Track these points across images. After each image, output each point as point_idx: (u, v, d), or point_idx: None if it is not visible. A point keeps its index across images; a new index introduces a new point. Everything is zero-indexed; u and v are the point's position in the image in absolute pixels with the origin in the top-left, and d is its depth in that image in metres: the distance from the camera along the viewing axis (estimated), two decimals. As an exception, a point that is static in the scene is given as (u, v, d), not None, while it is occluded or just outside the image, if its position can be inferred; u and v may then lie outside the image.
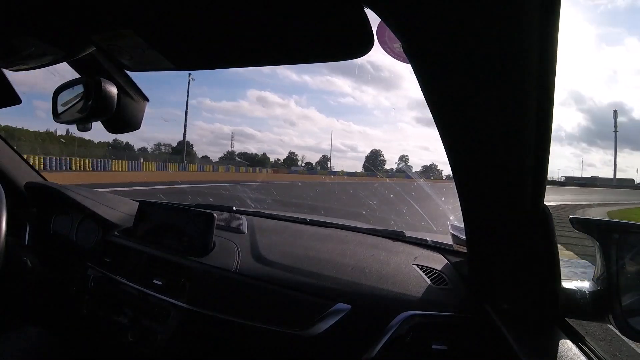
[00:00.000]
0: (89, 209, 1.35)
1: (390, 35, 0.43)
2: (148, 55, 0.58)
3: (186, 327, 0.91)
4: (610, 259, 0.66)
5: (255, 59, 0.58)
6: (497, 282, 0.77)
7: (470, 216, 0.73)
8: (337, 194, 11.06)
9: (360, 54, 0.46)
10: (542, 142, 0.51)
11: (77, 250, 1.34)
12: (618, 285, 0.65)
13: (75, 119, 0.69)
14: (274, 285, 0.89)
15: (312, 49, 0.50)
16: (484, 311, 0.79)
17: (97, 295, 1.09)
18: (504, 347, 0.67)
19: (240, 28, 0.47)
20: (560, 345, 0.62)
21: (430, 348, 0.78)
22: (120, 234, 1.22)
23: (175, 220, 1.14)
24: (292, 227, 1.34)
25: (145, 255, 1.07)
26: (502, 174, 0.60)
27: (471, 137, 0.55)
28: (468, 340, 0.79)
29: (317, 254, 1.05)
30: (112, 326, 1.03)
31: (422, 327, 0.79)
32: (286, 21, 0.44)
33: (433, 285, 0.90)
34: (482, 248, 0.78)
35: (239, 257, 0.99)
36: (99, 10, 0.48)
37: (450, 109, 0.52)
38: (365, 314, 0.83)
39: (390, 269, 0.99)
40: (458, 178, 0.65)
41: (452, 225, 1.01)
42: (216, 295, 0.92)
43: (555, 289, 0.69)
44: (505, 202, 0.66)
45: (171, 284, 0.97)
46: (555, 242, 0.67)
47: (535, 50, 0.39)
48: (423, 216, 1.81)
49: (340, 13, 0.40)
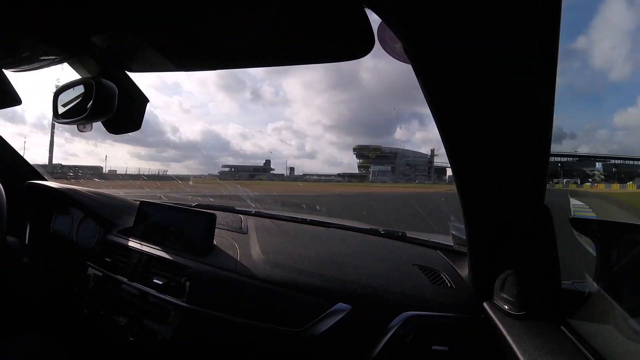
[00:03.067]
0: (89, 208, 1.35)
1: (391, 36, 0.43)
2: (148, 55, 0.58)
3: (186, 327, 0.91)
4: (610, 259, 0.66)
5: (257, 59, 0.58)
6: (497, 282, 0.77)
7: (471, 216, 0.73)
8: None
9: (362, 54, 0.46)
10: (542, 142, 0.51)
11: (78, 250, 1.34)
12: (618, 285, 0.65)
13: (75, 119, 0.68)
14: (274, 285, 0.89)
15: (314, 50, 0.50)
16: (484, 311, 0.79)
17: (97, 295, 1.09)
18: (505, 348, 0.68)
19: (241, 29, 0.47)
20: (560, 345, 0.62)
21: (430, 348, 0.78)
22: (121, 234, 1.22)
23: (175, 220, 1.14)
24: (293, 227, 1.34)
25: (146, 255, 1.07)
26: (502, 174, 0.60)
27: (472, 138, 0.55)
28: (468, 341, 0.79)
29: (318, 254, 1.05)
30: (113, 326, 1.03)
31: (422, 328, 0.79)
32: (287, 22, 0.44)
33: (433, 286, 0.90)
34: (483, 248, 0.78)
35: (240, 257, 0.99)
36: (99, 10, 0.48)
37: (451, 109, 0.52)
38: (365, 314, 0.83)
39: (391, 269, 0.99)
40: (458, 178, 0.65)
41: (452, 226, 1.01)
42: (216, 295, 0.92)
43: (555, 289, 0.69)
44: (505, 202, 0.66)
45: (171, 283, 0.98)
46: (556, 242, 0.67)
47: (536, 51, 0.39)
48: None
49: (341, 14, 0.40)
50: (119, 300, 1.04)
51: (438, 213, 3.12)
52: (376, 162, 76.30)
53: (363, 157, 77.87)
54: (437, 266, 0.98)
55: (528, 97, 0.45)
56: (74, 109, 0.71)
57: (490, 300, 0.79)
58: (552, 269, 0.68)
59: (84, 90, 0.68)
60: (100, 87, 0.64)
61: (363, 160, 77.81)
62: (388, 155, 77.10)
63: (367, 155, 77.08)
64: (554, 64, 0.41)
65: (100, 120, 0.70)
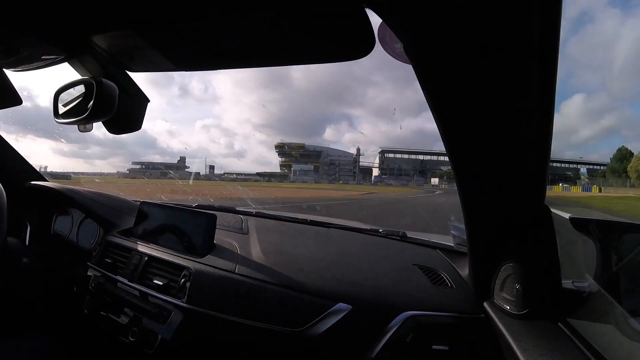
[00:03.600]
0: (89, 209, 1.35)
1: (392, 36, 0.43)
2: (148, 55, 0.58)
3: (186, 327, 0.91)
4: (610, 259, 0.66)
5: (257, 59, 0.58)
6: (497, 281, 0.77)
7: (471, 216, 0.73)
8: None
9: (362, 55, 0.46)
10: (543, 142, 0.51)
11: (78, 250, 1.34)
12: (618, 285, 0.65)
13: (76, 119, 0.68)
14: (274, 285, 0.89)
15: (314, 50, 0.50)
16: (484, 311, 0.79)
17: (97, 295, 1.09)
18: (505, 347, 0.68)
19: (241, 29, 0.47)
20: (560, 345, 0.62)
21: (430, 348, 0.78)
22: (121, 235, 1.22)
23: (175, 220, 1.14)
24: (293, 228, 1.34)
25: (146, 256, 1.07)
26: (502, 173, 0.60)
27: (472, 137, 0.55)
28: (468, 341, 0.79)
29: (318, 255, 1.05)
30: (113, 326, 1.03)
31: (422, 327, 0.79)
32: (288, 22, 0.44)
33: (433, 286, 0.90)
34: (483, 248, 0.78)
35: (240, 258, 0.99)
36: (99, 10, 0.48)
37: (451, 109, 0.52)
38: (365, 314, 0.83)
39: (391, 269, 0.99)
40: (459, 178, 0.65)
41: (452, 226, 1.01)
42: (216, 295, 0.92)
43: (555, 288, 0.69)
44: (506, 202, 0.66)
45: (172, 284, 0.97)
46: (556, 241, 0.67)
47: (536, 51, 0.39)
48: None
49: (342, 14, 0.40)
50: (119, 300, 1.04)
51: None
52: (299, 160, 72.77)
53: (285, 156, 74.04)
54: (437, 266, 0.98)
55: (528, 96, 0.45)
56: (75, 109, 0.71)
57: (491, 300, 0.79)
58: (552, 268, 0.68)
59: (85, 90, 0.68)
60: (101, 87, 0.64)
61: (285, 158, 74.22)
62: (311, 153, 73.54)
63: (290, 154, 73.70)
64: (554, 63, 0.41)
65: (100, 120, 0.70)
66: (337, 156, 74.91)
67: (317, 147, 76.25)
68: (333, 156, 74.65)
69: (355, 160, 73.58)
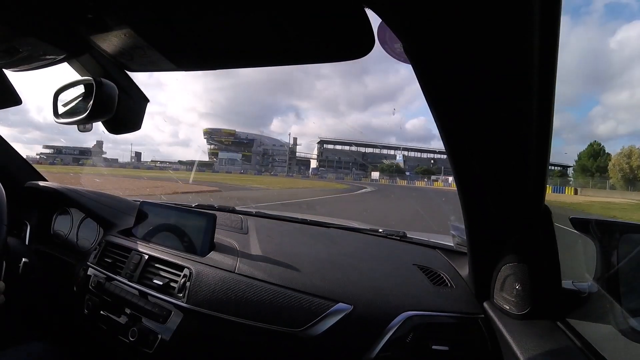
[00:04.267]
0: (89, 209, 1.35)
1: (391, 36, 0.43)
2: (148, 55, 0.58)
3: (186, 327, 0.91)
4: (610, 259, 0.66)
5: (257, 59, 0.58)
6: (497, 282, 0.77)
7: (471, 216, 0.73)
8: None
9: (362, 54, 0.46)
10: (543, 142, 0.51)
11: (78, 250, 1.34)
12: (618, 285, 0.65)
13: (75, 119, 0.68)
14: (274, 285, 0.89)
15: (313, 50, 0.50)
16: (484, 311, 0.79)
17: (97, 295, 1.09)
18: (505, 347, 0.68)
19: (241, 29, 0.47)
20: (560, 345, 0.62)
21: (430, 348, 0.78)
22: (121, 234, 1.22)
23: (175, 220, 1.14)
24: (293, 228, 1.34)
25: (146, 256, 1.07)
26: (502, 174, 0.60)
27: (472, 137, 0.55)
28: (468, 341, 0.79)
29: (318, 254, 1.05)
30: (113, 326, 1.03)
31: (422, 328, 0.79)
32: (287, 22, 0.44)
33: (433, 286, 0.90)
34: (483, 248, 0.78)
35: (240, 258, 0.99)
36: (99, 10, 0.48)
37: (451, 109, 0.52)
38: (365, 314, 0.83)
39: (391, 269, 0.99)
40: (459, 178, 0.65)
41: (452, 226, 1.01)
42: (216, 295, 0.92)
43: (555, 288, 0.69)
44: (505, 202, 0.66)
45: (171, 283, 0.97)
46: (556, 241, 0.67)
47: (536, 51, 0.39)
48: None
49: (341, 13, 0.40)
50: (119, 300, 1.04)
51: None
52: (229, 149, 66.52)
53: (215, 143, 67.14)
54: (437, 266, 0.98)
55: (528, 97, 0.45)
56: (74, 109, 0.71)
57: (490, 300, 0.79)
58: (552, 268, 0.68)
59: (84, 90, 0.68)
60: (101, 87, 0.64)
61: (215, 146, 67.21)
62: (243, 142, 67.28)
63: (220, 141, 67.14)
64: (554, 63, 0.41)
65: (100, 120, 0.70)
66: (271, 145, 69.21)
67: (249, 135, 70.15)
68: (267, 145, 68.67)
69: (291, 150, 67.88)
